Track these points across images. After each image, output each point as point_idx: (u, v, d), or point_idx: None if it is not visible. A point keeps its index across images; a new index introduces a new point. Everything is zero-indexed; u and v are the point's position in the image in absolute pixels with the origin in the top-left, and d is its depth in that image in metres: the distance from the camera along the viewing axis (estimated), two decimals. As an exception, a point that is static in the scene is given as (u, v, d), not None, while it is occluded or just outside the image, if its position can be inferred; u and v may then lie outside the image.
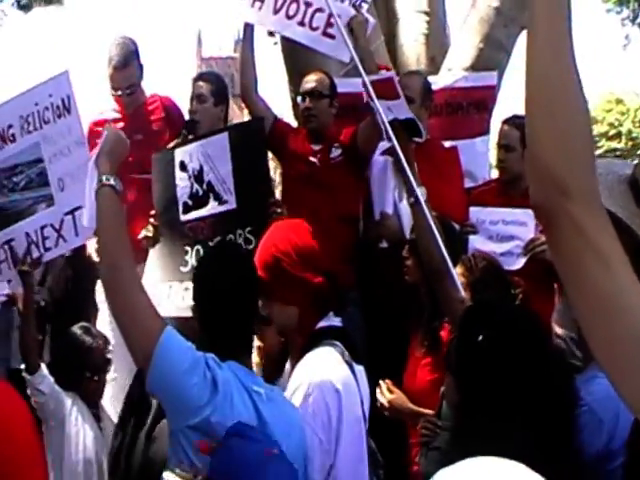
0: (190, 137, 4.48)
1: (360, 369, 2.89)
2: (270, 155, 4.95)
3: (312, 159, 4.67)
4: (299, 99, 4.80)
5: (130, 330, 2.32)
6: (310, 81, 4.76)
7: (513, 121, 4.71)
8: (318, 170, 4.64)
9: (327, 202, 4.47)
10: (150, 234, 4.40)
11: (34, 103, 3.65)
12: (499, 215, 4.44)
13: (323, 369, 2.74)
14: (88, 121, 4.81)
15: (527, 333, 2.08)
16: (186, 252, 4.14)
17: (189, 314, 2.75)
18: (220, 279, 2.52)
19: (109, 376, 4.05)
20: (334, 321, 2.91)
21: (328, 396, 2.67)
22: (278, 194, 4.78)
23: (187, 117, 4.87)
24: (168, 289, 4.09)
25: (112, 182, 2.49)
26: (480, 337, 2.06)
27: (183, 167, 4.24)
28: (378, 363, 3.49)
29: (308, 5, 4.62)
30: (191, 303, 2.63)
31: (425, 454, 3.11)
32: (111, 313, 2.40)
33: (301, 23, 4.66)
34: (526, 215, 4.27)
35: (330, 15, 4.51)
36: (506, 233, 4.39)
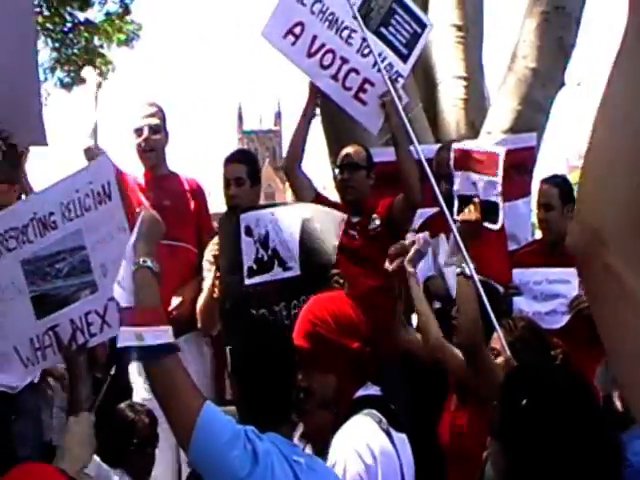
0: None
1: (401, 437, 2.87)
2: None
3: (352, 232, 4.65)
4: (336, 171, 4.82)
5: (171, 407, 2.35)
6: (347, 153, 4.77)
7: (552, 180, 4.78)
8: (358, 242, 4.64)
9: (368, 273, 4.46)
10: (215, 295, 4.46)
11: (75, 190, 3.68)
12: (542, 275, 4.42)
13: (359, 439, 2.73)
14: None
15: (572, 394, 2.04)
16: (252, 316, 4.16)
17: None
18: (257, 353, 2.57)
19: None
20: (373, 390, 2.92)
21: (364, 468, 2.66)
22: None
23: (223, 199, 4.82)
24: None
25: (149, 264, 2.53)
26: (524, 401, 2.03)
27: (248, 232, 4.29)
28: (423, 429, 3.46)
29: (344, 61, 4.61)
30: None
31: None
32: (151, 391, 2.41)
33: (334, 78, 4.65)
34: (570, 273, 4.26)
35: (365, 80, 4.53)
36: (550, 292, 4.37)
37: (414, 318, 4.20)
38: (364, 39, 4.61)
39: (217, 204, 5.44)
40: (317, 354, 2.81)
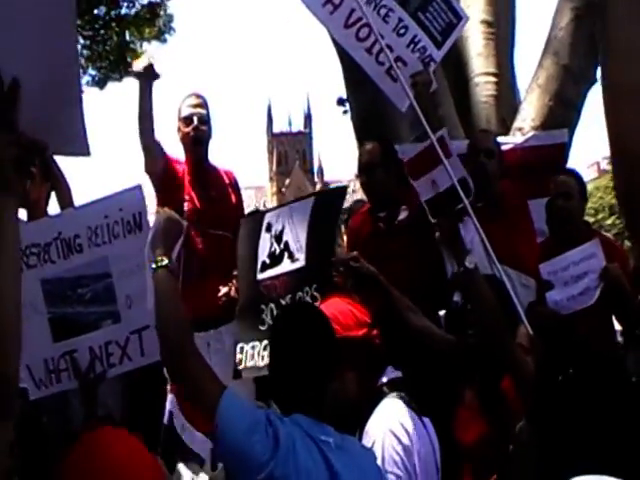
0: None
1: (427, 420, 2.92)
2: None
3: (379, 224, 4.65)
4: (356, 174, 4.82)
5: (195, 401, 2.45)
6: (362, 155, 4.73)
7: (568, 172, 4.89)
8: (384, 234, 4.62)
9: (397, 267, 4.48)
10: (233, 293, 4.55)
11: (104, 215, 3.55)
12: (567, 260, 4.42)
13: (393, 420, 2.78)
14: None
15: (607, 369, 2.07)
16: (262, 311, 4.18)
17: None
18: (298, 334, 2.57)
19: None
20: (395, 374, 2.97)
21: (401, 447, 2.72)
22: None
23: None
24: (252, 349, 4.16)
25: (166, 263, 2.60)
26: (560, 378, 2.06)
27: (269, 228, 4.32)
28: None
29: (380, 37, 4.60)
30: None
31: None
32: (171, 381, 2.48)
33: (369, 51, 4.67)
34: (593, 246, 4.35)
35: (398, 58, 4.56)
36: (580, 272, 4.37)
37: None
38: (400, 19, 4.67)
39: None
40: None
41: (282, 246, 4.22)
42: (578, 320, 4.22)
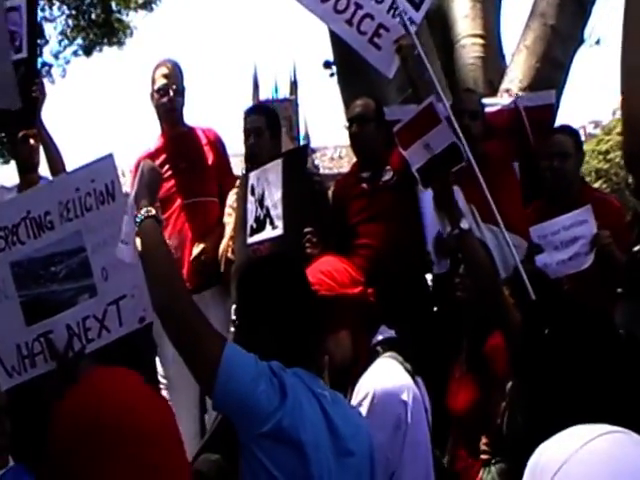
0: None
1: (419, 379, 2.92)
2: None
3: (363, 185, 4.67)
4: (346, 125, 4.80)
5: (192, 353, 2.36)
6: (355, 106, 4.76)
7: (565, 129, 4.85)
8: (368, 194, 4.64)
9: (379, 229, 4.50)
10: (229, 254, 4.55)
11: (75, 189, 3.42)
12: (558, 224, 4.44)
13: (387, 380, 2.79)
14: (137, 157, 4.89)
15: (593, 321, 2.08)
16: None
17: None
18: (279, 287, 2.52)
19: None
20: (388, 333, 2.98)
21: (394, 406, 2.73)
22: None
23: (243, 150, 4.83)
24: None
25: (153, 213, 2.56)
26: (546, 331, 2.07)
27: (252, 191, 4.35)
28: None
29: (358, 6, 4.57)
30: None
31: (489, 469, 3.14)
32: (170, 341, 2.41)
33: (349, 22, 4.60)
34: (584, 213, 4.36)
35: (380, 25, 4.53)
36: (569, 237, 4.39)
37: None
38: None
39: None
40: (324, 316, 2.74)
41: (264, 211, 4.26)
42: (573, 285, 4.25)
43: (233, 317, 3.97)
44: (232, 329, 3.95)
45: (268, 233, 4.22)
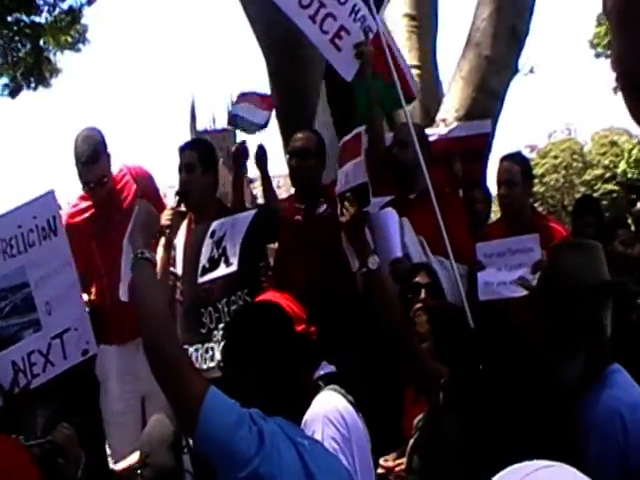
0: (182, 207, 4.50)
1: (360, 414, 2.99)
2: None
3: (296, 217, 4.69)
4: (287, 158, 4.80)
5: (175, 392, 2.39)
6: (296, 140, 4.74)
7: (513, 157, 4.89)
8: (301, 226, 4.65)
9: (314, 258, 4.48)
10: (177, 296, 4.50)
11: (17, 225, 3.47)
12: (505, 245, 4.48)
13: (331, 410, 2.86)
14: (63, 213, 4.65)
15: (523, 355, 2.09)
16: (202, 314, 4.21)
17: (215, 374, 2.88)
18: (270, 337, 2.56)
19: None
20: (329, 368, 3.05)
21: (339, 435, 2.82)
22: None
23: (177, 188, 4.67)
24: (195, 352, 4.15)
25: (147, 255, 2.60)
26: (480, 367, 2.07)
27: (212, 235, 4.34)
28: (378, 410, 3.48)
29: (322, 4, 4.58)
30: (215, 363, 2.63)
31: None
32: (155, 378, 2.43)
33: (312, 19, 4.60)
34: (532, 240, 4.38)
35: (341, 27, 4.54)
36: (514, 262, 4.42)
37: None
38: None
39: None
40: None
41: (220, 251, 4.26)
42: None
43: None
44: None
45: (222, 271, 4.21)
